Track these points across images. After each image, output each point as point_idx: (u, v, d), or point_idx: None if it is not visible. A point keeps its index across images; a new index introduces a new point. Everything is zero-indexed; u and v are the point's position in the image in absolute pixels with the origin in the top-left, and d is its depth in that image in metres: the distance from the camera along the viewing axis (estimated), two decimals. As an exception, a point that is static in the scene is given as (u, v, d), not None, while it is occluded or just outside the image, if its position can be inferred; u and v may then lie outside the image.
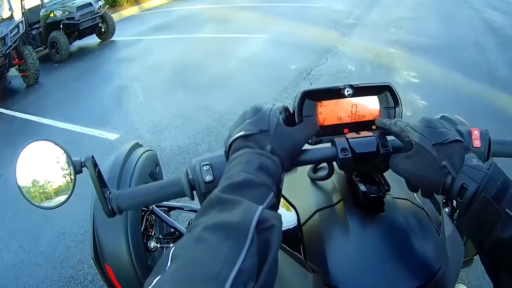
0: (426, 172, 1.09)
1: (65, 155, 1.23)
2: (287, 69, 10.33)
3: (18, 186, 1.21)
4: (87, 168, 1.18)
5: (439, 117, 1.70)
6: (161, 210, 2.60)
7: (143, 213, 2.37)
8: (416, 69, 10.20)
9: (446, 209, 1.75)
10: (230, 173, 1.03)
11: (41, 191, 1.23)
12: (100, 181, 1.21)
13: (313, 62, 10.68)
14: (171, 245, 2.50)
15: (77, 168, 1.18)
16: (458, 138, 1.11)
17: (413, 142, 1.13)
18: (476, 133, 1.31)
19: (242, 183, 0.96)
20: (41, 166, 1.23)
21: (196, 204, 4.60)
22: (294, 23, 15.20)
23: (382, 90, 1.38)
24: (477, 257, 1.96)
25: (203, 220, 0.85)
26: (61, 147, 1.23)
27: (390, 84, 1.37)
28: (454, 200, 1.07)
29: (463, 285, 2.08)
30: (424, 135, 1.12)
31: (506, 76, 9.93)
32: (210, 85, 9.51)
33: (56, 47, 12.63)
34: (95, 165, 1.20)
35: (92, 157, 1.19)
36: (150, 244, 2.44)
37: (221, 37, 13.87)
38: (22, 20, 11.28)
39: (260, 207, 0.86)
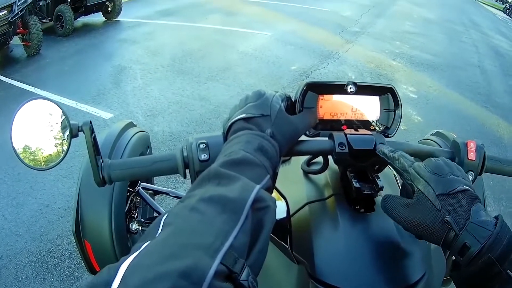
0: (426, 224, 1.02)
1: (63, 117, 1.22)
2: (288, 68, 10.35)
3: (13, 146, 1.21)
4: (83, 132, 1.17)
5: (433, 133, 1.70)
6: (146, 193, 2.60)
7: (128, 193, 2.35)
8: (415, 84, 10.29)
9: None
10: (228, 151, 1.03)
11: (31, 158, 1.22)
12: (95, 148, 1.19)
13: (314, 65, 10.71)
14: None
15: (73, 131, 1.17)
16: (466, 187, 1.02)
17: (416, 189, 1.06)
18: (472, 145, 1.31)
19: (240, 160, 0.97)
20: (37, 127, 1.22)
21: (183, 189, 4.57)
22: (299, 24, 15.27)
23: (384, 92, 1.39)
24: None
25: (198, 192, 0.85)
26: (60, 108, 1.23)
27: (392, 86, 1.38)
28: (453, 256, 1.02)
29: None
30: (429, 183, 1.03)
31: (503, 102, 10.06)
32: (209, 76, 9.49)
33: (61, 21, 12.50)
34: (92, 130, 1.19)
35: (90, 122, 1.18)
36: (132, 226, 2.44)
37: (225, 29, 13.83)
38: (32, -11, 11.19)
39: (257, 186, 0.87)
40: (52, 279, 4.10)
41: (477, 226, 0.95)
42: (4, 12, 9.53)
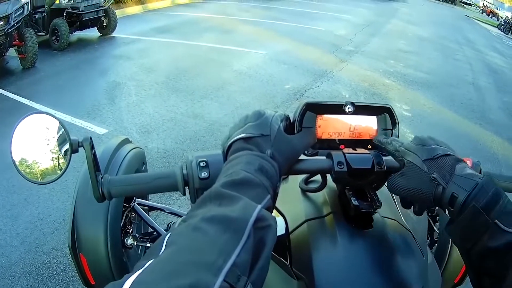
0: (417, 186, 1.13)
1: (60, 132, 1.23)
2: (281, 87, 10.37)
3: (12, 159, 1.21)
4: (83, 148, 1.18)
5: None
6: (142, 208, 2.60)
7: (123, 209, 2.36)
8: (409, 102, 10.31)
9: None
10: (229, 171, 1.04)
11: (28, 171, 1.23)
12: (95, 163, 1.20)
13: (308, 84, 10.73)
14: (148, 244, 2.51)
15: (74, 147, 1.18)
16: (449, 152, 1.15)
17: (406, 161, 1.18)
18: (468, 162, 1.33)
19: (241, 181, 0.98)
20: (35, 141, 1.23)
21: (177, 206, 4.56)
22: (293, 43, 15.26)
23: (382, 112, 1.41)
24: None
25: (200, 212, 0.86)
26: (61, 124, 1.24)
27: (390, 106, 1.40)
28: (446, 210, 1.10)
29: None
30: (415, 153, 1.16)
31: (497, 119, 10.09)
32: (203, 94, 9.50)
33: (57, 35, 12.53)
34: (92, 146, 1.19)
35: (90, 138, 1.19)
36: (127, 240, 2.44)
37: (219, 48, 13.84)
38: (28, 2, 10.99)
39: (259, 206, 0.89)
40: (47, 292, 4.09)
41: (462, 177, 1.06)
42: (0, 23, 9.53)
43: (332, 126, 1.38)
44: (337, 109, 1.37)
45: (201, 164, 1.21)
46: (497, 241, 0.96)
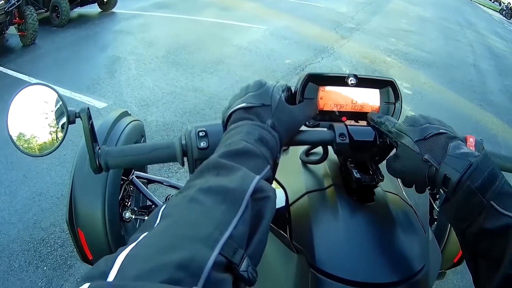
0: (411, 168, 1.11)
1: (58, 105, 1.20)
2: (282, 62, 10.37)
3: (9, 133, 1.18)
4: (81, 119, 1.15)
5: None
6: (140, 181, 2.59)
7: (122, 182, 2.35)
8: (410, 80, 10.34)
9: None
10: (229, 141, 1.02)
11: (25, 145, 1.20)
12: (92, 134, 1.17)
13: (308, 59, 10.74)
14: (146, 217, 2.50)
15: (71, 118, 1.14)
16: (442, 130, 1.13)
17: (399, 143, 1.16)
18: (471, 140, 1.31)
19: (241, 151, 0.96)
20: (32, 114, 1.20)
21: (176, 178, 4.54)
22: (294, 19, 15.29)
23: (385, 85, 1.39)
24: (449, 272, 1.98)
25: (198, 183, 0.84)
26: (57, 94, 1.21)
27: (393, 80, 1.38)
28: (440, 190, 1.08)
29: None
30: (407, 134, 1.14)
31: (498, 101, 10.14)
32: (203, 68, 9.49)
33: (57, 11, 12.37)
34: (89, 117, 1.17)
35: (88, 108, 1.16)
36: (125, 214, 2.43)
37: (220, 23, 13.83)
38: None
39: (257, 177, 0.87)
40: (45, 268, 4.08)
41: (455, 158, 1.04)
42: (1, 2, 9.44)
43: (334, 98, 1.36)
44: (340, 81, 1.35)
45: (200, 134, 1.19)
46: (492, 223, 0.94)
